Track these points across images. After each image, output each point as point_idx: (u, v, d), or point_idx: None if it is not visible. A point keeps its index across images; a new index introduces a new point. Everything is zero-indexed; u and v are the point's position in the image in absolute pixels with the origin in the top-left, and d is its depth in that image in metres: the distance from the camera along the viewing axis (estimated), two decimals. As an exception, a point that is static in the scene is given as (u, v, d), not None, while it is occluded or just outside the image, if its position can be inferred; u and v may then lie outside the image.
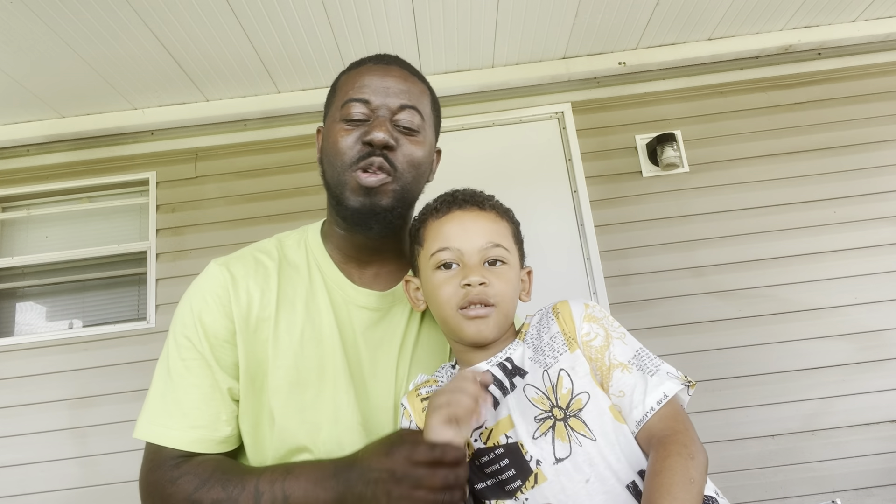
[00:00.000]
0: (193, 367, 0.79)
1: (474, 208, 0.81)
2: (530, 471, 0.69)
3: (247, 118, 2.48)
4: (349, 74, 0.87)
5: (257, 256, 0.87)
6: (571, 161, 2.43)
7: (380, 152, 0.80)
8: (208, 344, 0.80)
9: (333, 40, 2.14)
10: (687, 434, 0.67)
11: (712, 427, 2.15)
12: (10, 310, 2.47)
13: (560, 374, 0.74)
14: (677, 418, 0.69)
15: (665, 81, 2.50)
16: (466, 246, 0.78)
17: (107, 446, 2.19)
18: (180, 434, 0.77)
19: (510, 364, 0.78)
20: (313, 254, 0.89)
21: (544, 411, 0.72)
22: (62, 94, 2.29)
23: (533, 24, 2.19)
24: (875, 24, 2.41)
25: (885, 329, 2.20)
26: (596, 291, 2.29)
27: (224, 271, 0.84)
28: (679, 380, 0.72)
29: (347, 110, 0.82)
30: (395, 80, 0.84)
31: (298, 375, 0.81)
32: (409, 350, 0.87)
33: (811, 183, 2.35)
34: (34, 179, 2.50)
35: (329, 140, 0.84)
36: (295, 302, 0.84)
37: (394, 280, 0.90)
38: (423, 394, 0.80)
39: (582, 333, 0.76)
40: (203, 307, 0.81)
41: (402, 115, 0.83)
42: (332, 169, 0.83)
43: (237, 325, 0.81)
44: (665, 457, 0.64)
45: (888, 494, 2.08)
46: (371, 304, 0.87)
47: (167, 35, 2.01)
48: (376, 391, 0.84)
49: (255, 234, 2.35)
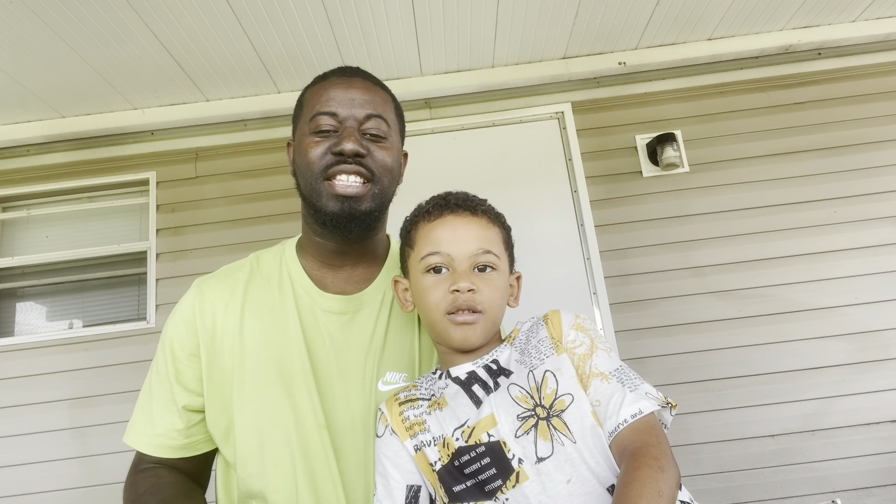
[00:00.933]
0: (161, 380, 0.88)
1: (466, 213, 0.81)
2: (512, 469, 0.69)
3: (247, 118, 2.48)
4: (314, 89, 0.90)
5: (230, 271, 0.94)
6: (571, 161, 2.43)
7: (353, 160, 0.84)
8: (172, 359, 0.88)
9: (333, 40, 2.14)
10: (659, 447, 0.66)
11: (712, 427, 2.15)
12: (10, 310, 2.47)
13: (546, 374, 0.74)
14: (650, 432, 0.68)
15: (665, 81, 2.50)
16: (456, 251, 0.78)
17: (107, 446, 2.19)
18: (147, 440, 0.87)
19: (496, 365, 0.79)
20: (287, 263, 0.94)
21: (527, 409, 0.72)
22: (62, 94, 2.29)
23: (533, 24, 2.19)
24: (875, 24, 2.41)
25: (885, 329, 2.20)
26: (596, 291, 2.29)
27: (196, 289, 0.91)
28: (658, 401, 0.71)
29: (316, 123, 0.86)
30: (359, 91, 0.88)
31: (262, 378, 0.85)
32: (377, 351, 0.89)
33: (811, 183, 2.35)
34: (34, 179, 2.50)
35: (300, 152, 0.88)
36: (261, 309, 0.89)
37: (363, 283, 0.93)
38: (402, 398, 0.81)
39: (568, 340, 0.77)
40: (173, 325, 0.89)
41: (369, 123, 0.87)
42: (305, 180, 0.87)
43: (201, 338, 0.87)
44: (635, 468, 0.63)
45: (888, 494, 2.08)
46: (336, 307, 0.90)
47: (167, 35, 2.01)
48: (344, 392, 0.86)
49: (255, 235, 2.36)
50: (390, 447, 0.79)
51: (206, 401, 0.87)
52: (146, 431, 0.87)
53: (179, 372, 0.87)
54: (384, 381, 0.88)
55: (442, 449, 0.75)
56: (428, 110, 2.51)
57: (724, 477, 2.11)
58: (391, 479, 0.78)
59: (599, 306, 2.28)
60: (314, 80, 0.93)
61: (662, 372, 2.19)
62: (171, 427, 0.87)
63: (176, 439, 0.87)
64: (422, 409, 0.79)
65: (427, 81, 2.45)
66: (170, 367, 0.87)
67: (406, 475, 0.78)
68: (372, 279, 0.94)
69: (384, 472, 0.79)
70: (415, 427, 0.78)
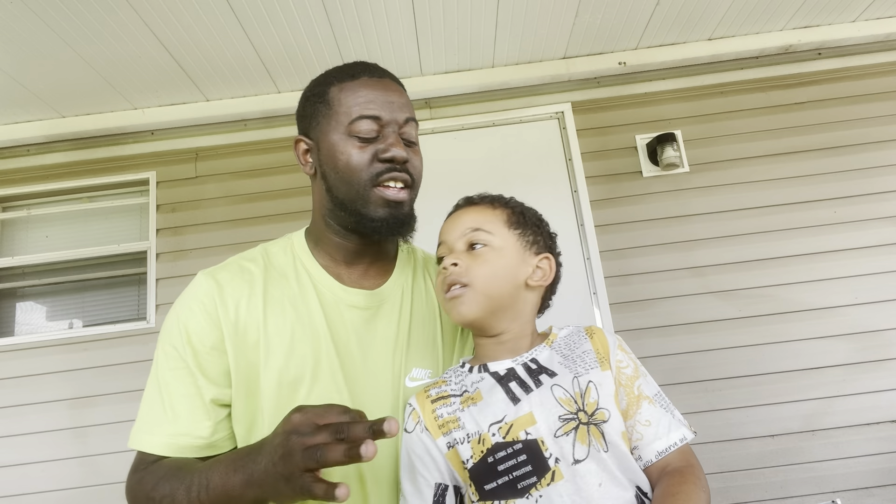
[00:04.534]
0: (181, 375, 0.82)
1: (468, 206, 0.89)
2: (548, 468, 0.71)
3: (247, 118, 2.48)
4: (347, 87, 0.86)
5: (242, 264, 0.89)
6: (571, 161, 2.43)
7: (400, 167, 0.85)
8: (192, 352, 0.82)
9: (333, 40, 2.14)
10: (700, 470, 0.75)
11: (712, 427, 2.15)
12: (10, 310, 2.47)
13: (589, 385, 0.77)
14: (693, 455, 0.77)
15: (665, 81, 2.50)
16: (449, 237, 0.85)
17: (107, 446, 2.19)
18: (165, 440, 0.80)
19: (535, 364, 0.80)
20: (300, 258, 0.91)
21: (570, 412, 0.74)
22: (62, 94, 2.29)
23: (533, 24, 2.19)
24: (875, 24, 2.41)
25: (885, 329, 2.20)
26: (596, 291, 2.29)
27: (210, 280, 0.85)
28: (688, 428, 0.79)
29: (358, 127, 0.84)
30: (396, 93, 0.88)
31: (290, 375, 0.82)
32: (402, 346, 0.88)
33: (811, 183, 2.35)
34: (34, 179, 2.50)
35: (339, 157, 0.84)
36: (283, 304, 0.86)
37: (381, 279, 0.93)
38: (433, 395, 0.81)
39: (616, 359, 0.81)
40: (189, 316, 0.83)
41: (407, 128, 0.87)
42: (348, 185, 0.84)
43: (225, 330, 0.82)
44: (682, 482, 0.71)
45: (888, 494, 2.08)
46: (361, 302, 0.89)
47: (167, 35, 2.01)
48: (372, 389, 0.85)
49: (255, 234, 2.36)
50: (420, 444, 0.79)
51: (233, 394, 0.82)
52: (164, 431, 0.80)
53: (202, 365, 0.81)
54: (411, 377, 0.87)
55: (476, 445, 0.75)
56: (428, 110, 2.51)
57: (724, 477, 2.11)
58: (419, 477, 0.78)
59: (599, 306, 2.28)
60: (339, 75, 0.88)
61: (662, 372, 2.19)
62: (197, 424, 0.81)
63: (202, 437, 0.80)
64: (454, 405, 0.79)
65: (427, 81, 2.45)
66: (190, 360, 0.81)
67: (435, 473, 0.77)
68: (387, 275, 0.93)
69: (412, 469, 0.79)
70: (448, 425, 0.78)
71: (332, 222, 0.89)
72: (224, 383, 0.82)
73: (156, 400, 0.82)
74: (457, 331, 0.95)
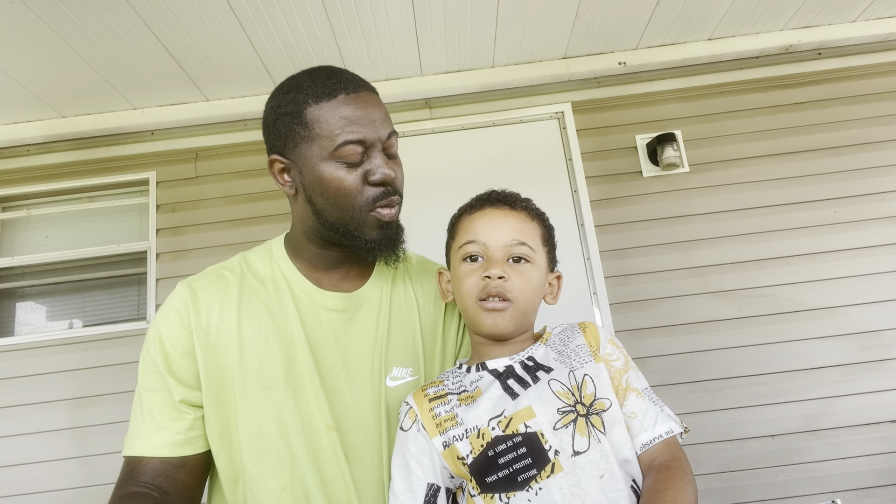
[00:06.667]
0: (155, 378, 0.85)
1: (505, 207, 0.86)
2: (548, 460, 0.71)
3: (247, 118, 2.48)
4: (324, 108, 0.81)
5: (219, 272, 0.92)
6: (571, 161, 2.43)
7: (391, 188, 0.85)
8: (163, 356, 0.85)
9: (333, 40, 2.14)
10: (687, 464, 0.74)
11: (712, 427, 2.15)
12: (10, 310, 2.47)
13: (585, 377, 0.78)
14: (679, 449, 0.77)
15: (665, 81, 2.50)
16: (492, 241, 0.82)
17: (107, 446, 2.19)
18: (149, 441, 0.83)
19: (532, 362, 0.81)
20: (278, 265, 0.92)
21: (568, 405, 0.75)
22: (62, 94, 2.29)
23: (533, 24, 2.19)
24: (875, 24, 2.41)
25: (885, 329, 2.20)
26: (596, 291, 2.29)
27: (186, 289, 0.89)
28: (678, 424, 0.79)
29: (343, 152, 0.81)
30: (375, 108, 0.85)
31: (264, 378, 0.83)
32: (382, 346, 0.89)
33: (811, 183, 2.35)
34: (34, 179, 2.50)
35: (328, 183, 0.82)
36: (259, 310, 0.87)
37: (359, 281, 0.93)
38: (431, 394, 0.82)
39: (606, 352, 0.82)
40: (165, 324, 0.87)
41: (389, 142, 0.86)
42: (340, 210, 0.83)
43: (195, 336, 0.85)
44: (668, 477, 0.71)
45: (888, 494, 2.08)
46: (338, 305, 0.89)
47: (167, 35, 2.01)
48: (352, 390, 0.86)
49: (255, 234, 2.36)
50: (416, 443, 0.79)
51: (203, 397, 0.85)
52: (147, 433, 0.83)
53: (172, 368, 0.84)
54: (391, 376, 0.88)
55: (476, 440, 0.75)
56: (428, 110, 2.51)
57: (724, 477, 2.11)
58: (413, 475, 0.78)
59: (599, 306, 2.28)
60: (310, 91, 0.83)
61: (662, 372, 2.19)
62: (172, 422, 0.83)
63: (180, 433, 0.83)
64: (451, 403, 0.80)
65: (427, 81, 2.45)
66: (160, 363, 0.84)
67: (429, 473, 0.78)
68: (366, 276, 0.94)
69: (406, 467, 0.79)
70: (445, 423, 0.78)
71: (315, 237, 0.90)
72: (194, 386, 0.85)
73: (136, 406, 0.87)
74: (437, 330, 0.95)
